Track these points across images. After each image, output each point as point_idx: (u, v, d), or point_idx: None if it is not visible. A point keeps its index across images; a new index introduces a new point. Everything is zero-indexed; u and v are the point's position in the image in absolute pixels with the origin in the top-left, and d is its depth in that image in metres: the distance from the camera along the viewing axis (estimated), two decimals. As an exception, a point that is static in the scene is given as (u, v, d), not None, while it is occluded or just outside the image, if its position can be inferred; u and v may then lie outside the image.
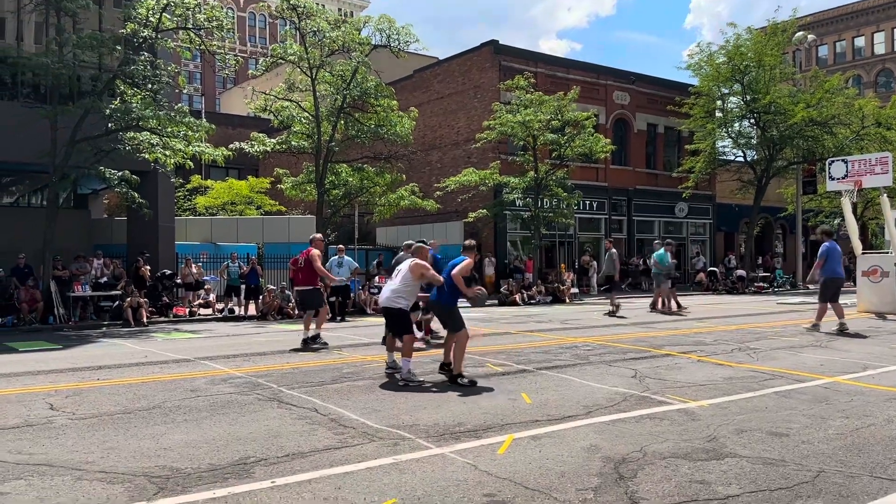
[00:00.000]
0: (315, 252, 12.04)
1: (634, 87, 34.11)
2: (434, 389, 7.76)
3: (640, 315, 17.79)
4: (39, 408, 6.92)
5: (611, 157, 30.56)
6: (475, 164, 28.23)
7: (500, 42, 30.06)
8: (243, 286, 19.38)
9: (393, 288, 8.46)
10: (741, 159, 33.64)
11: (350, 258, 18.41)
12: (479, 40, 31.00)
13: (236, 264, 19.75)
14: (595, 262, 30.12)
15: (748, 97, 30.87)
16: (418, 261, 8.51)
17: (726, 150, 34.25)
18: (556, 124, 25.79)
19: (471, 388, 7.71)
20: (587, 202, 31.50)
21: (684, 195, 32.94)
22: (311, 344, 11.63)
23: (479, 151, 28.55)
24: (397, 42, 23.02)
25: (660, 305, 18.66)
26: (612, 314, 17.66)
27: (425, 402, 7.08)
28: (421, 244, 9.15)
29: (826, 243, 13.44)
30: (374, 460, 5.06)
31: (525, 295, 23.31)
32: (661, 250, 18.61)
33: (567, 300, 24.10)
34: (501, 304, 22.61)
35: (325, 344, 11.77)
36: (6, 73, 17.72)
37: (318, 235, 12.85)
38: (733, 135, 32.53)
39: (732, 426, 5.99)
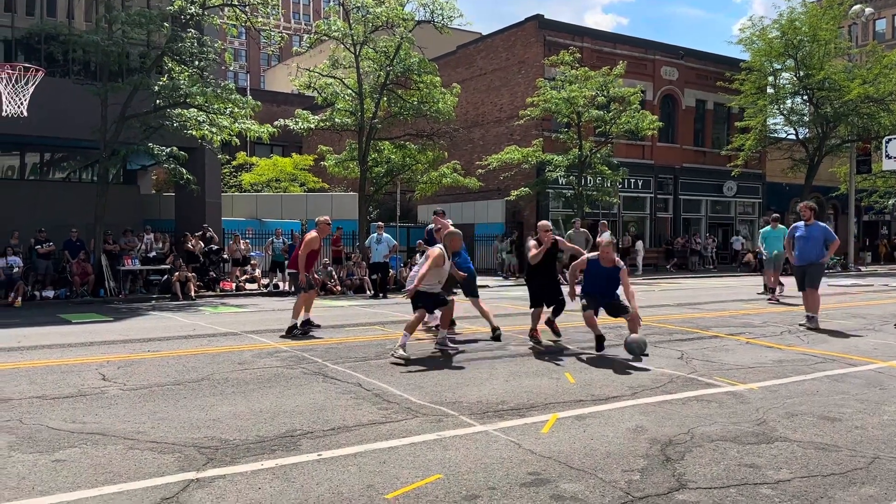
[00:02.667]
0: (308, 237, 10.60)
1: (683, 62, 33.31)
2: (477, 368, 7.75)
3: (685, 296, 17.51)
4: (92, 378, 7.12)
5: (657, 135, 29.98)
6: (518, 141, 27.98)
7: (545, 16, 29.57)
8: (287, 262, 19.61)
9: (416, 271, 9.04)
10: (793, 137, 32.65)
11: (389, 235, 18.50)
12: (524, 15, 30.73)
13: (280, 240, 19.99)
14: (641, 242, 29.72)
15: (801, 73, 29.87)
16: (438, 251, 8.70)
17: (777, 127, 33.35)
18: (602, 101, 25.36)
19: (514, 368, 7.68)
20: (632, 180, 31.00)
21: (733, 173, 32.18)
22: (294, 331, 10.36)
23: (521, 128, 28.27)
24: (441, 17, 22.84)
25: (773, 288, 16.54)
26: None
27: (468, 379, 7.07)
28: (453, 231, 9.28)
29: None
30: (417, 436, 5.08)
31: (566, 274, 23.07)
32: (768, 227, 16.80)
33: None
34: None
35: (308, 330, 10.57)
36: (58, 51, 18.08)
37: (324, 218, 11.11)
38: (785, 112, 31.57)
39: (782, 410, 5.85)
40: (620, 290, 8.90)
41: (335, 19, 23.32)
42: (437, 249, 8.75)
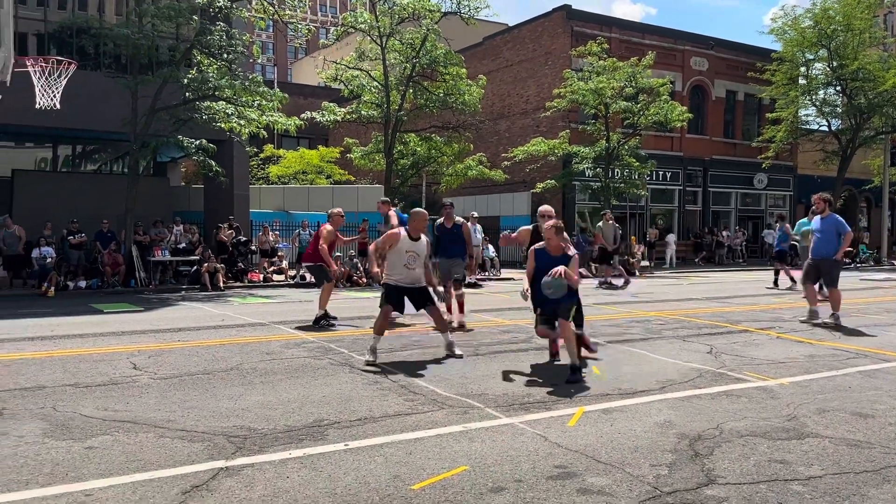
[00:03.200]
0: (325, 229, 10.58)
1: (713, 52, 32.84)
2: (502, 361, 7.74)
3: (713, 289, 17.31)
4: (123, 367, 7.23)
5: (687, 126, 29.58)
6: (544, 133, 27.82)
7: (573, 7, 29.32)
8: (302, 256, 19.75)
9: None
10: (825, 128, 32.04)
11: None
12: (551, 5, 30.34)
13: (307, 232, 20.12)
14: (673, 235, 29.46)
15: (835, 63, 29.28)
16: (395, 231, 8.03)
17: (809, 118, 32.73)
18: (630, 91, 25.10)
19: (540, 361, 7.66)
20: (660, 172, 30.67)
21: (764, 166, 31.69)
22: (321, 321, 10.41)
23: (548, 120, 28.10)
24: (467, 8, 22.77)
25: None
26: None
27: (494, 371, 7.07)
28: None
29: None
30: (443, 427, 5.09)
31: (593, 267, 22.95)
32: (805, 219, 15.99)
33: (637, 273, 23.63)
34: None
35: (332, 321, 10.53)
36: (89, 45, 18.34)
37: (337, 210, 10.94)
38: (817, 103, 31.00)
39: (814, 405, 5.76)
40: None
41: (362, 11, 23.37)
42: (395, 230, 8.02)
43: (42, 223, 17.80)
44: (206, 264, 17.66)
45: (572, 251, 7.09)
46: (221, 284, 17.50)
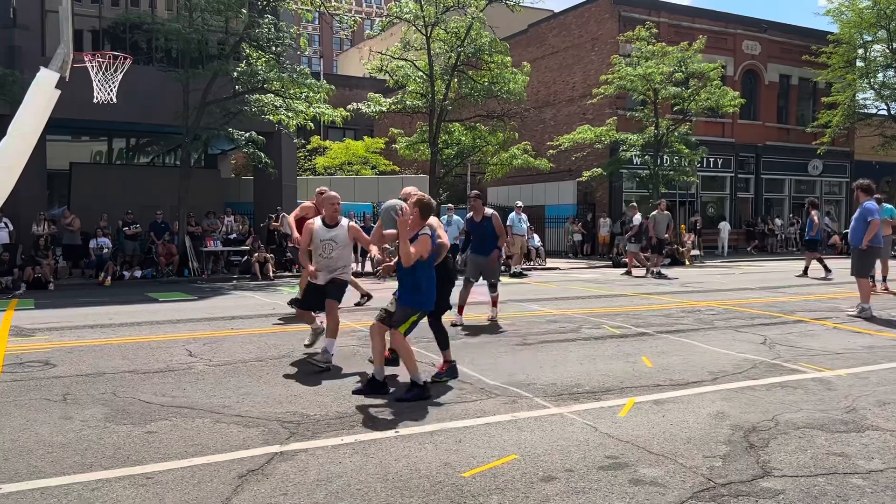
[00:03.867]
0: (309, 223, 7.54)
1: (766, 35, 31.90)
2: (550, 351, 7.71)
3: (767, 279, 16.92)
4: (180, 354, 7.42)
5: (739, 112, 28.84)
6: (591, 120, 27.47)
7: (620, -9, 28.80)
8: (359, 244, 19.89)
9: None
10: (884, 112, 30.85)
11: (459, 217, 18.49)
12: (598, -9, 29.79)
13: (353, 222, 20.28)
14: (726, 223, 28.90)
15: (894, 44, 28.16)
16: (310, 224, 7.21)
17: (867, 102, 31.52)
18: (680, 77, 24.58)
19: (588, 351, 7.60)
20: (711, 159, 29.99)
21: (819, 151, 30.71)
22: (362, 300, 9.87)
23: (595, 107, 27.72)
24: (513, -5, 22.57)
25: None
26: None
27: (541, 361, 7.05)
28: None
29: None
30: (492, 416, 5.10)
31: (643, 256, 22.62)
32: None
33: (687, 262, 23.23)
34: (615, 265, 22.09)
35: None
36: (142, 40, 18.76)
37: (322, 193, 7.92)
38: (876, 86, 29.82)
39: (873, 398, 5.60)
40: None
41: (407, 1, 23.33)
42: (309, 220, 7.27)
43: (98, 214, 18.34)
44: (256, 254, 17.98)
45: (426, 231, 5.85)
46: (271, 274, 17.80)
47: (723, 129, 30.96)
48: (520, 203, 19.79)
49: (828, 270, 16.65)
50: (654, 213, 18.92)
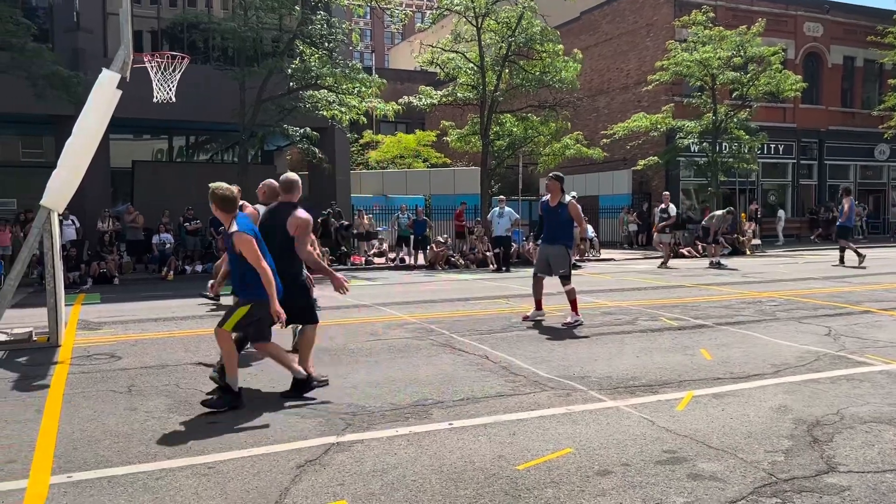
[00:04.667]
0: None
1: (829, 16, 30.74)
2: (605, 343, 7.61)
3: (831, 268, 16.35)
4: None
5: (800, 96, 27.89)
6: (646, 108, 26.95)
7: (675, -24, 28.13)
8: (412, 236, 20.05)
9: None
10: (957, 92, 29.43)
11: (511, 209, 18.43)
12: (652, -24, 29.19)
13: (405, 216, 20.43)
14: (782, 210, 28.09)
15: (968, 21, 26.80)
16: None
17: (939, 82, 30.10)
18: (738, 61, 23.90)
19: (645, 343, 7.48)
20: (772, 146, 29.12)
21: (886, 136, 29.45)
22: None
23: (650, 95, 27.18)
24: (565, -17, 22.27)
25: None
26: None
27: (596, 354, 6.97)
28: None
29: None
30: (546, 409, 5.07)
31: (700, 246, 22.16)
32: None
33: (748, 252, 22.64)
34: (673, 256, 21.66)
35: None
36: (199, 39, 19.20)
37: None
38: (949, 65, 28.49)
39: (948, 392, 5.36)
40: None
41: (457, -7, 23.25)
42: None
43: (160, 211, 18.89)
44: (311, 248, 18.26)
45: (234, 227, 5.24)
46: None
47: (784, 115, 30.00)
48: (574, 194, 19.53)
49: (859, 255, 16.48)
50: (720, 212, 18.76)
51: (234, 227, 5.21)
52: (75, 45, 18.80)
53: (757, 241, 24.02)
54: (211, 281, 10.73)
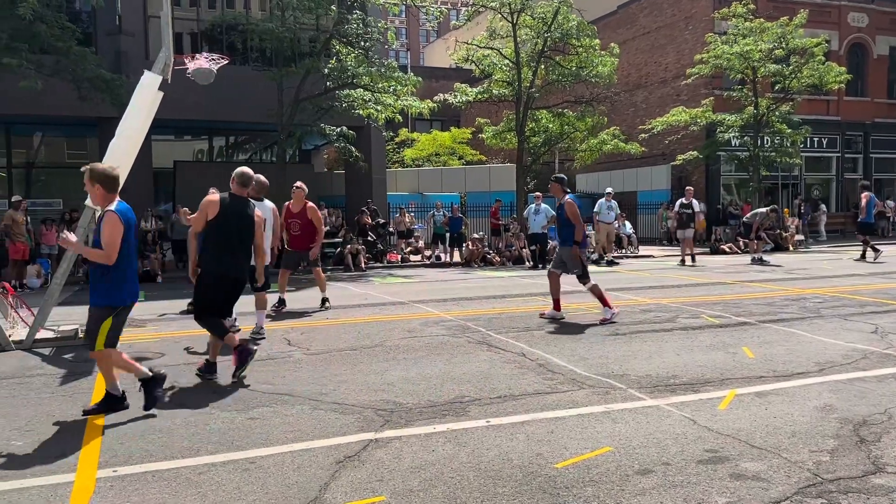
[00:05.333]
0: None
1: (874, 6, 29.89)
2: (644, 341, 7.53)
3: (877, 265, 15.94)
4: (279, 343, 7.69)
5: (845, 88, 27.19)
6: (685, 102, 26.54)
7: (714, -33, 27.63)
8: (448, 234, 20.07)
9: None
10: None
11: (547, 206, 18.30)
12: (690, -32, 28.73)
13: (441, 213, 20.46)
14: (824, 206, 27.47)
15: None
16: None
17: None
18: (780, 53, 23.40)
19: (685, 341, 7.38)
20: (815, 139, 28.44)
21: (935, 127, 28.60)
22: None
23: (689, 88, 26.76)
24: (601, -23, 22.05)
25: None
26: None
27: (635, 352, 6.89)
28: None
29: None
30: (584, 407, 5.03)
31: (742, 242, 21.77)
32: None
33: (791, 248, 22.18)
34: (713, 252, 21.34)
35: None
36: (237, 40, 19.47)
37: (296, 185, 10.26)
38: None
39: None
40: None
41: (492, -11, 23.18)
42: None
43: (202, 210, 19.18)
44: (348, 246, 18.40)
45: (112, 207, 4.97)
46: (363, 265, 18.18)
47: (828, 107, 29.28)
48: (610, 189, 19.36)
49: (876, 251, 16.84)
50: (764, 210, 18.51)
51: (111, 208, 4.92)
52: (118, 48, 19.21)
53: (800, 237, 23.50)
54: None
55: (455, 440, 4.39)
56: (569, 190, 9.46)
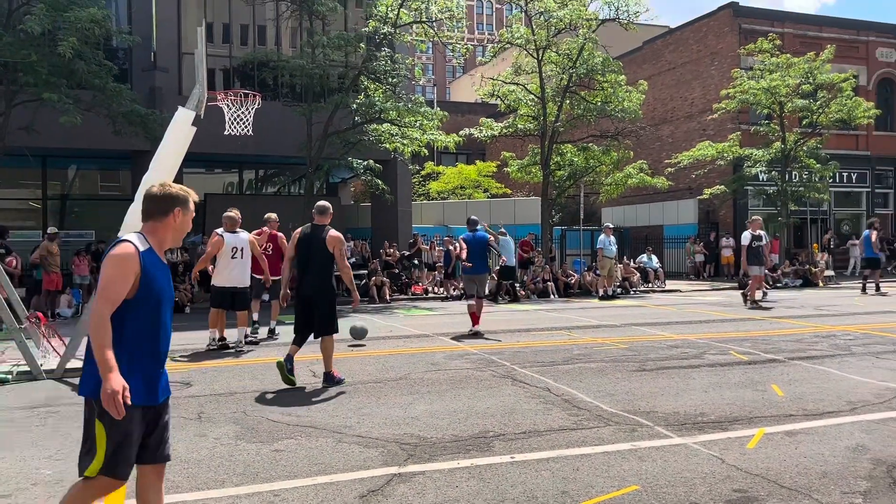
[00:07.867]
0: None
1: (903, 41, 29.73)
2: (671, 377, 7.44)
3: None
4: (304, 374, 7.72)
5: (874, 123, 26.96)
6: (711, 136, 26.49)
7: (740, 3, 27.76)
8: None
9: None
10: None
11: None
12: (716, 4, 28.89)
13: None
14: (856, 240, 27.00)
15: None
16: None
17: None
18: (807, 89, 23.31)
19: (713, 378, 7.28)
20: (844, 174, 28.13)
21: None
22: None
23: (715, 123, 26.72)
24: (626, 14, 22.26)
25: None
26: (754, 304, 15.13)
27: (662, 388, 6.81)
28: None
29: None
30: (611, 445, 4.98)
31: (769, 278, 21.47)
32: None
33: (820, 283, 21.82)
34: (741, 287, 21.04)
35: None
36: (269, 76, 19.91)
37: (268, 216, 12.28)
38: None
39: None
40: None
41: (518, 27, 23.49)
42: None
43: (230, 242, 19.44)
44: (374, 278, 18.50)
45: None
46: (388, 297, 18.24)
47: (857, 142, 29.02)
48: (609, 225, 19.33)
49: (877, 288, 17.78)
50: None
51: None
52: (152, 84, 19.73)
53: (830, 273, 23.14)
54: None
55: (479, 476, 4.36)
56: None
